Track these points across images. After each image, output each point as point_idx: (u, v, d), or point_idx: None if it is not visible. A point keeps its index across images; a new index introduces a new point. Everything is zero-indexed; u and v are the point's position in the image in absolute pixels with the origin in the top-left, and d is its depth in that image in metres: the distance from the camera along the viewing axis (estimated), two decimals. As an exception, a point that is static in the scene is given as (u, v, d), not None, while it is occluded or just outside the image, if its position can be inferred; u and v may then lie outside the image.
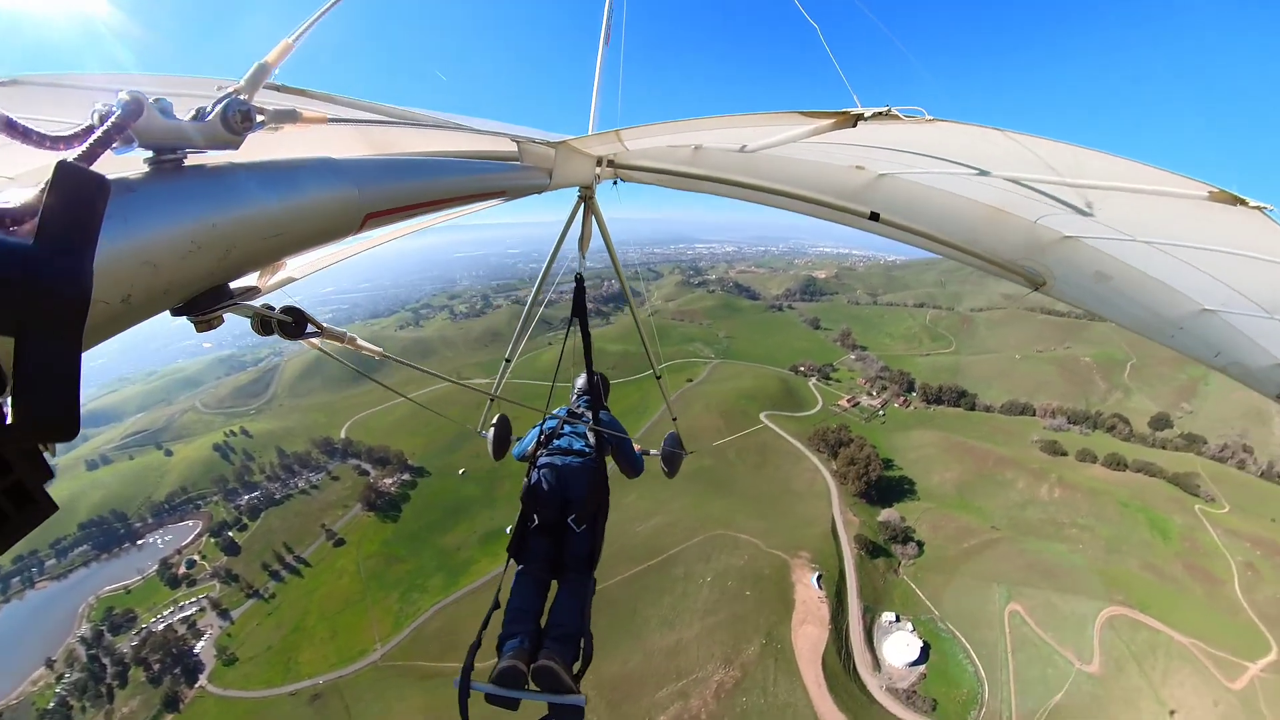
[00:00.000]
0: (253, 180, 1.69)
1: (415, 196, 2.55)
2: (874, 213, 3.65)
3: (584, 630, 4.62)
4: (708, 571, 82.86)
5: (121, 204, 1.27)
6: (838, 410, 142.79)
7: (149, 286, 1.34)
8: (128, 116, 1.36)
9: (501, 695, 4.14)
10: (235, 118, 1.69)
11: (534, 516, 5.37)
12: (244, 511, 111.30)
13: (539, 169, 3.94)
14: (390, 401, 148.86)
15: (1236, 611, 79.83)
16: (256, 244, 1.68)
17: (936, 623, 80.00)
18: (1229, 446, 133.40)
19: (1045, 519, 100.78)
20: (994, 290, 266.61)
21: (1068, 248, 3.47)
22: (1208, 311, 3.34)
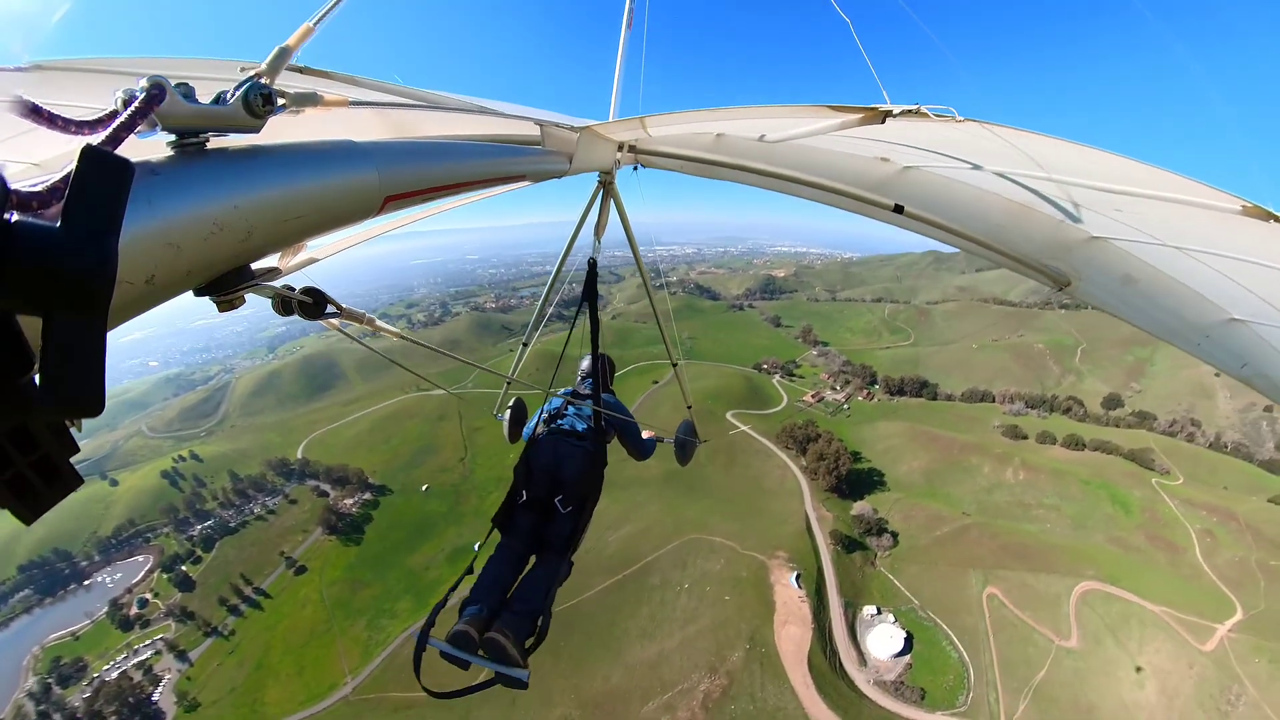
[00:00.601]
0: (274, 163, 1.71)
1: (435, 180, 2.54)
2: (898, 205, 3.56)
3: (544, 609, 4.68)
4: (685, 578, 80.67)
5: (145, 187, 1.30)
6: (803, 406, 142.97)
7: (172, 267, 1.38)
8: (151, 101, 1.37)
9: (453, 655, 4.30)
10: (256, 101, 1.69)
11: (523, 492, 5.36)
12: (197, 542, 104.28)
13: (560, 154, 3.91)
14: (348, 417, 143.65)
15: (1199, 576, 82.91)
16: (278, 226, 1.70)
17: (917, 612, 79.81)
18: (1178, 421, 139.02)
19: (1013, 501, 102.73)
20: (948, 283, 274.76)
21: (1095, 249, 3.38)
22: (1236, 321, 3.23)
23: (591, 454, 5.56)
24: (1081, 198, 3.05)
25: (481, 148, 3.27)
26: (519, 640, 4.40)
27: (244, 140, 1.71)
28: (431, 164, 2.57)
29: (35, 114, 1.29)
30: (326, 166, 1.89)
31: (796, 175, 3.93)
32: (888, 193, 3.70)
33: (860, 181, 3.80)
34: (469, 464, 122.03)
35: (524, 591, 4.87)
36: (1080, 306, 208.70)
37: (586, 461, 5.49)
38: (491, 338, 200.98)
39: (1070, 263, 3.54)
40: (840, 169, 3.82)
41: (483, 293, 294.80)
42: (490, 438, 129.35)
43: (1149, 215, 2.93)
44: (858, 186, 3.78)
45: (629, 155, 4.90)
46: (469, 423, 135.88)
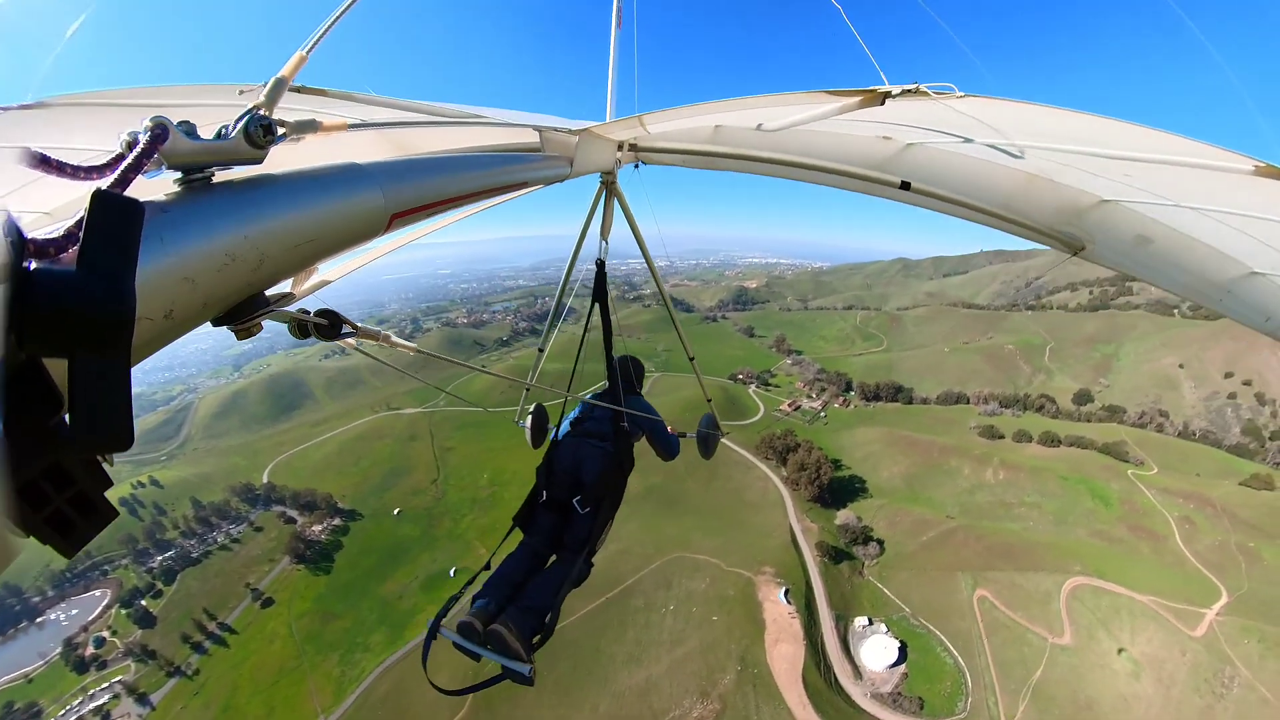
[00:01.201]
0: (280, 191, 1.74)
1: (439, 194, 2.57)
2: (905, 182, 3.58)
3: (553, 607, 4.71)
4: (670, 599, 77.55)
5: (156, 225, 1.33)
6: (780, 415, 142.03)
7: (189, 301, 1.41)
8: (155, 141, 1.40)
9: (462, 645, 4.42)
10: (257, 132, 1.72)
11: (544, 492, 5.45)
12: (157, 575, 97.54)
13: (561, 158, 3.96)
14: (316, 438, 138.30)
15: (1182, 563, 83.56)
16: (288, 252, 1.73)
17: (909, 620, 78.08)
18: (1147, 413, 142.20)
19: (995, 501, 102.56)
20: (917, 289, 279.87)
21: (1107, 211, 3.39)
22: (1258, 274, 3.21)
23: (613, 455, 5.55)
24: (1090, 165, 3.02)
25: (482, 158, 3.29)
26: (523, 635, 4.40)
27: (248, 171, 1.73)
28: (434, 179, 2.55)
29: (44, 164, 1.33)
30: (331, 190, 1.91)
31: (799, 160, 3.92)
32: (893, 170, 3.67)
33: (864, 161, 3.79)
34: (441, 486, 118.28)
35: (535, 588, 4.86)
36: (1045, 307, 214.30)
37: (607, 463, 5.49)
38: (463, 353, 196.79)
39: (1083, 227, 3.50)
40: (843, 150, 3.82)
41: (454, 308, 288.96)
42: (463, 458, 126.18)
43: (1160, 179, 2.90)
44: (862, 166, 3.76)
45: (629, 154, 4.91)
46: (440, 442, 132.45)
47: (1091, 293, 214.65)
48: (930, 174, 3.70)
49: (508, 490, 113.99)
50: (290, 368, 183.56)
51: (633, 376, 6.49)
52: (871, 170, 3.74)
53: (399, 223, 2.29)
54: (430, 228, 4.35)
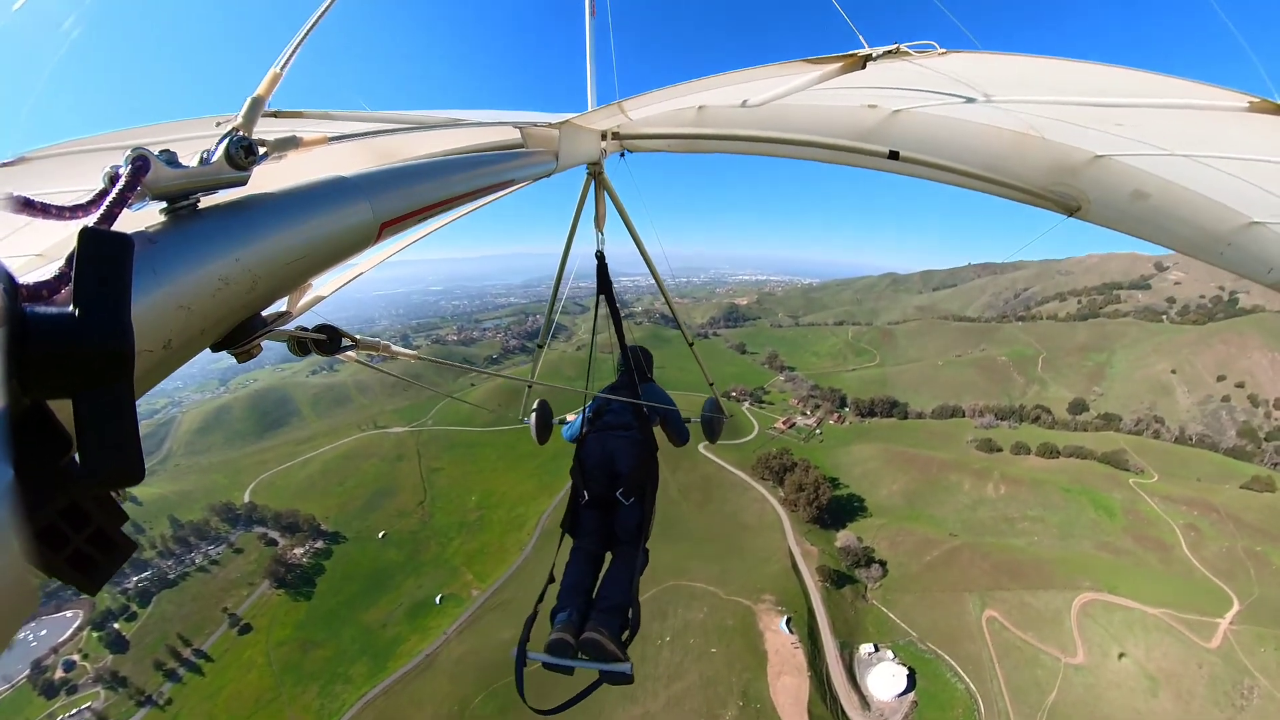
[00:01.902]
0: (266, 211, 1.74)
1: (426, 199, 2.57)
2: (893, 151, 3.52)
3: (631, 600, 4.77)
4: (666, 630, 74.04)
5: (147, 257, 1.32)
6: (775, 433, 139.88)
7: (186, 329, 1.41)
8: (137, 174, 1.39)
9: (554, 664, 4.39)
10: (239, 154, 1.71)
11: (584, 492, 5.47)
12: (132, 596, 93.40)
13: (545, 152, 3.97)
14: (300, 457, 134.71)
15: (1191, 572, 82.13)
16: (281, 271, 1.73)
17: (917, 645, 75.08)
18: (1142, 420, 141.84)
19: (997, 517, 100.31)
20: (907, 303, 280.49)
21: (1101, 167, 3.29)
22: (1257, 224, 3.06)
23: (641, 442, 5.64)
24: (1080, 116, 2.95)
25: (467, 160, 3.25)
26: (614, 636, 4.44)
27: (234, 194, 1.73)
28: (420, 184, 2.54)
29: (28, 207, 1.32)
30: (319, 205, 1.91)
31: (785, 136, 3.89)
32: (880, 139, 3.64)
33: (850, 132, 3.76)
34: (428, 508, 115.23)
35: (607, 589, 4.89)
36: (1036, 318, 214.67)
37: (638, 450, 5.57)
38: (452, 371, 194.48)
39: (1077, 186, 3.38)
40: (828, 123, 3.78)
41: (444, 325, 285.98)
42: (451, 479, 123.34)
43: (1152, 125, 2.83)
44: (848, 138, 3.73)
45: (614, 143, 4.88)
46: (428, 463, 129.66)
47: (1080, 302, 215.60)
48: (918, 141, 3.60)
49: (496, 513, 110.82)
50: (276, 383, 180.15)
51: (644, 365, 6.56)
52: (858, 141, 3.67)
53: (389, 231, 2.25)
54: (422, 233, 4.40)
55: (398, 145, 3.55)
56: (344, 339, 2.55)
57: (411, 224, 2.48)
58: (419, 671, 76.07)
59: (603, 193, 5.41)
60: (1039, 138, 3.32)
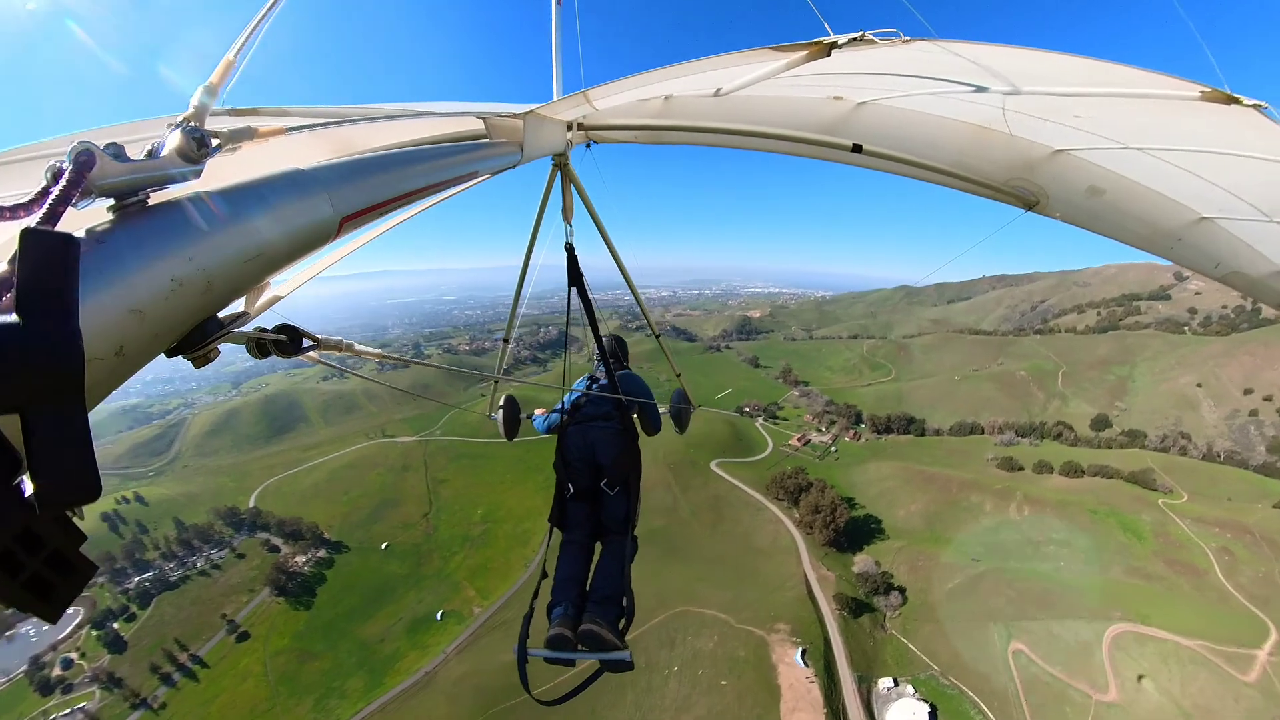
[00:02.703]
0: (221, 206, 1.66)
1: (388, 192, 2.48)
2: (856, 144, 3.51)
3: (625, 589, 4.87)
4: (674, 659, 71.09)
5: (95, 257, 1.26)
6: (789, 451, 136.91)
7: (139, 334, 1.34)
8: (81, 169, 1.32)
9: (555, 658, 4.50)
10: (191, 146, 1.66)
11: (569, 485, 5.49)
12: (133, 597, 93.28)
13: (509, 143, 3.84)
14: (307, 463, 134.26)
15: (1226, 599, 78.63)
16: (237, 270, 1.66)
17: (938, 679, 71.57)
18: (1168, 436, 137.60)
19: (1021, 540, 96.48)
20: (921, 316, 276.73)
21: (1059, 163, 3.35)
22: (1205, 220, 3.21)
23: (622, 431, 5.66)
24: (1039, 107, 2.98)
25: (429, 151, 3.13)
26: (612, 625, 4.55)
27: (186, 189, 1.65)
28: (381, 177, 2.45)
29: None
30: (275, 199, 1.83)
31: (750, 129, 3.88)
32: (844, 133, 3.63)
33: (815, 125, 3.77)
34: (433, 520, 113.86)
35: (601, 579, 4.96)
36: (1054, 330, 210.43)
37: (620, 440, 5.58)
38: (462, 380, 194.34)
39: (1036, 181, 3.43)
40: (794, 115, 3.80)
41: (457, 334, 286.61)
42: (456, 492, 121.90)
43: (1109, 117, 2.89)
44: (813, 130, 3.72)
45: (580, 134, 4.81)
46: (434, 474, 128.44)
47: (1099, 314, 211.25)
48: (882, 134, 3.63)
49: (501, 528, 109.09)
50: (287, 388, 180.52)
51: (619, 352, 6.57)
52: (823, 134, 3.66)
53: (350, 226, 2.19)
54: (384, 227, 4.38)
55: (357, 137, 3.37)
56: (305, 339, 2.41)
57: (373, 218, 2.38)
58: (416, 690, 74.30)
59: (569, 185, 5.28)
60: (1000, 132, 3.27)
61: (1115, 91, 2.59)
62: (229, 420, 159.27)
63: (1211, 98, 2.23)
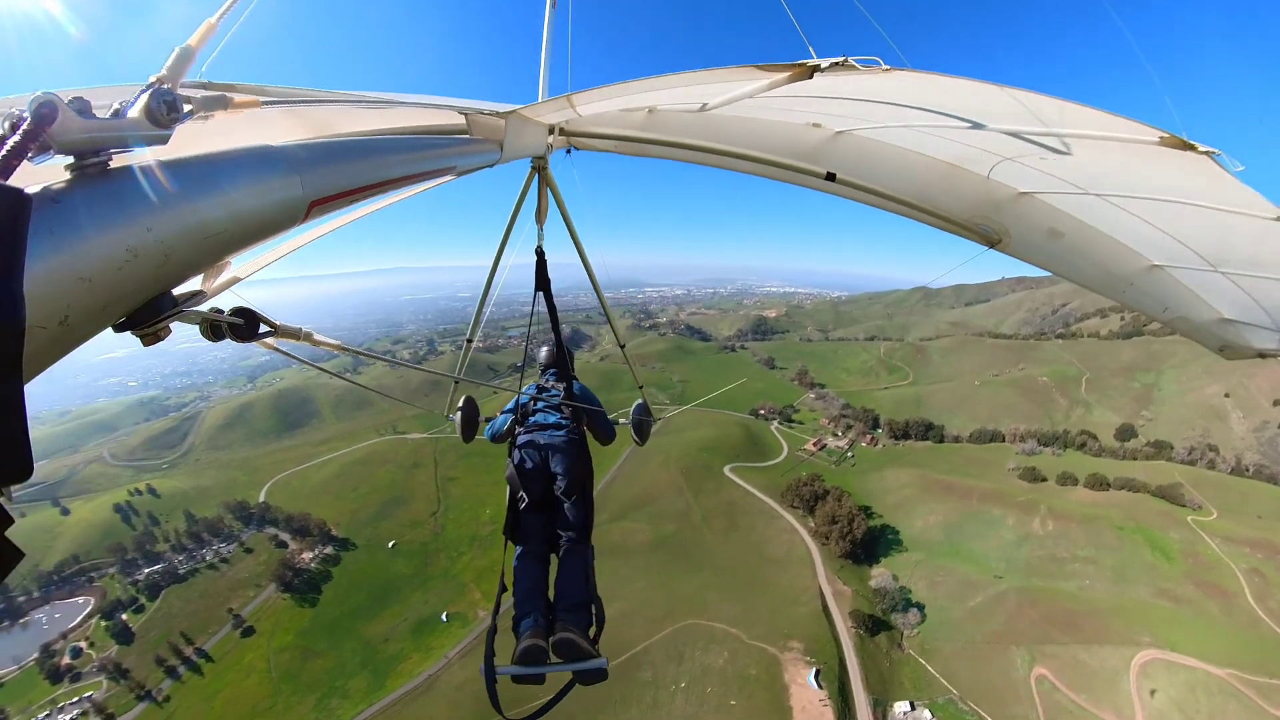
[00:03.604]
0: (186, 176, 1.59)
1: (361, 179, 2.43)
2: (830, 173, 3.60)
3: (592, 596, 4.78)
4: (681, 675, 68.86)
5: (46, 217, 1.19)
6: (805, 456, 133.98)
7: (86, 304, 1.27)
8: (41, 121, 1.24)
9: (526, 673, 4.30)
10: (160, 109, 1.56)
11: (523, 496, 5.36)
12: (142, 588, 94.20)
13: (489, 141, 3.80)
14: (317, 459, 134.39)
15: (1256, 624, 76.00)
16: (197, 245, 1.58)
17: (957, 704, 68.91)
18: (1196, 448, 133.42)
19: (1045, 556, 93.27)
20: (939, 319, 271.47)
21: (1023, 205, 3.42)
22: (1156, 267, 3.32)
23: (576, 439, 5.62)
24: (1006, 146, 3.03)
25: (407, 141, 3.10)
26: (585, 633, 4.43)
27: (150, 154, 1.56)
28: (356, 162, 2.40)
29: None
30: (244, 175, 1.76)
31: (730, 149, 3.94)
32: (820, 160, 3.71)
33: (793, 151, 3.81)
34: (441, 519, 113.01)
35: (565, 588, 4.86)
36: (1076, 335, 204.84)
37: (572, 447, 5.52)
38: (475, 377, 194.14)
39: (999, 220, 3.51)
40: (774, 138, 3.82)
41: None
42: (465, 490, 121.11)
43: (1072, 160, 2.94)
44: (791, 156, 3.78)
45: (561, 139, 4.80)
46: (444, 472, 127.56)
47: (1123, 319, 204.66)
48: (855, 165, 3.65)
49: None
50: (300, 383, 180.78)
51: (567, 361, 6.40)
52: (800, 160, 3.70)
53: (318, 210, 2.12)
54: (351, 216, 4.30)
55: (334, 120, 3.32)
56: (262, 324, 2.34)
57: (343, 205, 2.31)
58: (418, 694, 73.25)
59: (545, 188, 5.20)
60: (968, 171, 3.29)
61: (1081, 132, 2.63)
62: (243, 414, 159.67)
63: (1169, 143, 2.28)
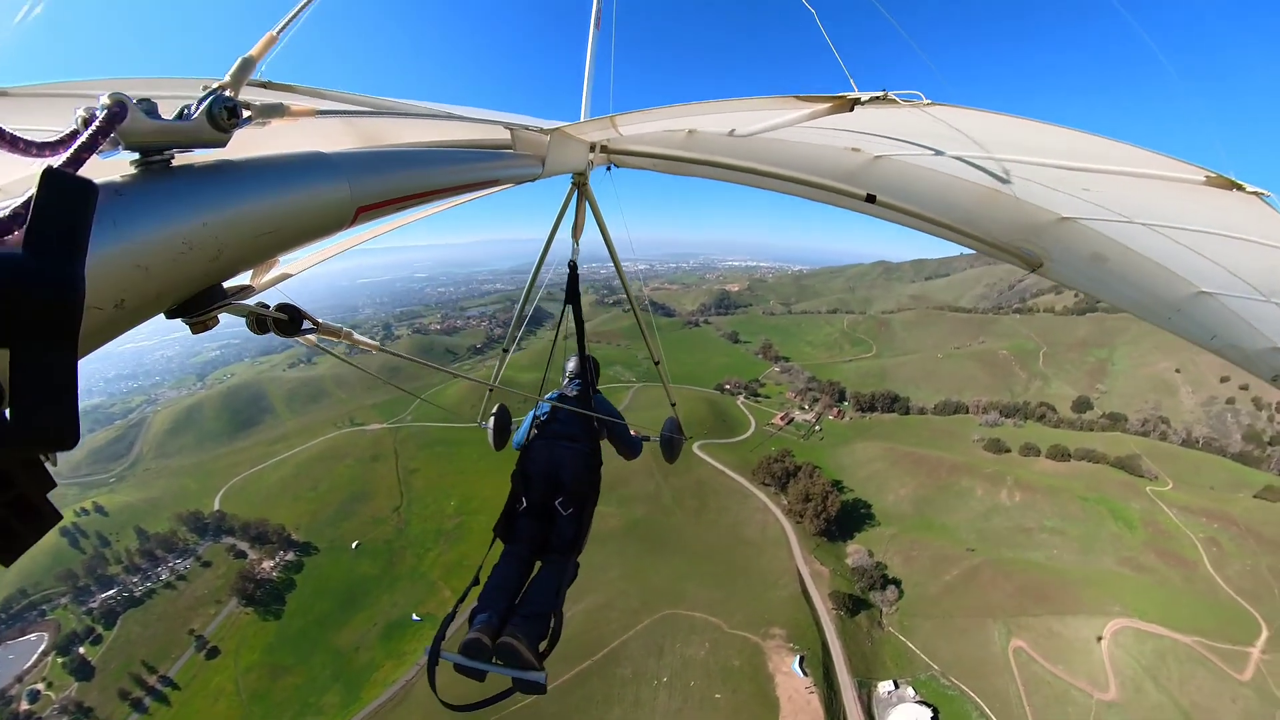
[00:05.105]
0: (242, 178, 1.68)
1: (407, 188, 2.52)
2: (870, 194, 3.58)
3: (555, 610, 4.63)
4: (662, 668, 66.02)
5: (110, 208, 1.27)
6: (773, 431, 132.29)
7: (142, 290, 1.35)
8: (112, 119, 1.33)
9: (467, 666, 4.22)
10: (221, 114, 1.65)
11: (523, 499, 5.34)
12: (97, 617, 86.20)
13: (532, 157, 3.88)
14: (272, 458, 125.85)
15: (1215, 592, 78.18)
16: (249, 242, 1.67)
17: (939, 680, 68.18)
18: (1148, 420, 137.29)
19: (1014, 527, 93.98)
20: (900, 292, 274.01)
21: (1064, 229, 3.38)
22: (1204, 294, 3.26)
23: (587, 454, 5.55)
24: (1049, 178, 3.01)
25: (452, 154, 3.21)
26: (532, 643, 4.30)
27: (210, 155, 1.67)
28: (403, 172, 2.50)
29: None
30: (296, 179, 1.86)
31: (769, 169, 3.95)
32: (859, 183, 3.70)
33: (832, 172, 3.81)
34: (404, 514, 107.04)
35: (533, 594, 4.74)
36: (1032, 310, 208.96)
37: (583, 462, 5.46)
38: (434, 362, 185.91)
39: (1041, 244, 3.50)
40: (812, 160, 3.81)
41: (429, 313, 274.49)
42: (428, 481, 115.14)
43: (1116, 192, 2.93)
44: (830, 178, 3.78)
45: (601, 156, 4.85)
46: (405, 463, 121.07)
47: (1077, 296, 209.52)
48: (895, 187, 3.67)
49: (476, 520, 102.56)
50: (251, 378, 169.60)
51: (592, 376, 6.36)
52: (839, 182, 3.75)
53: (365, 216, 2.20)
54: (396, 223, 4.35)
55: (384, 130, 3.41)
56: (305, 321, 2.36)
57: (389, 212, 2.39)
58: (394, 705, 69.02)
59: (584, 204, 5.29)
60: (1009, 196, 3.31)
61: (1123, 170, 2.61)
62: (191, 416, 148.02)
63: (1216, 183, 2.26)
